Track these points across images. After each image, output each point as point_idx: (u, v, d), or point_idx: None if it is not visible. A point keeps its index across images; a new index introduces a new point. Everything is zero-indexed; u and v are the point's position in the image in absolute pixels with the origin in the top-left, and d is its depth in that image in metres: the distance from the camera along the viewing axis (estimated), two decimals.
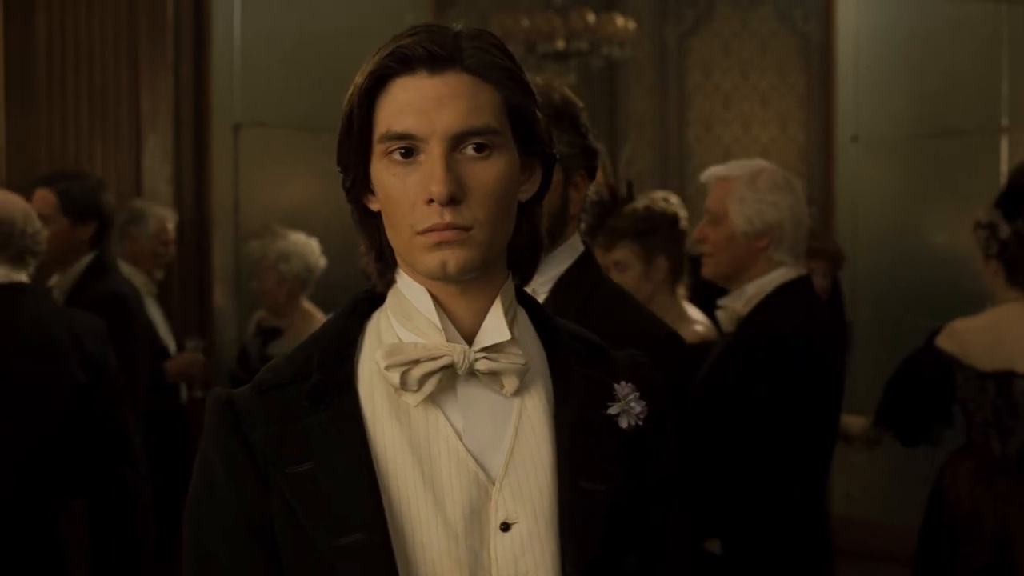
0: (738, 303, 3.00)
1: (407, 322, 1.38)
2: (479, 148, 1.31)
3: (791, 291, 2.98)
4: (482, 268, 1.34)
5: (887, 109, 6.91)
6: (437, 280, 1.35)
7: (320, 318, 4.82)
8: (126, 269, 4.71)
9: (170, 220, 5.04)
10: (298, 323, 4.99)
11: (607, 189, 4.52)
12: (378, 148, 1.34)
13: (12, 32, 5.16)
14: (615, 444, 1.39)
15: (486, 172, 1.32)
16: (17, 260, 3.22)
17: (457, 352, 1.34)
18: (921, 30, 6.78)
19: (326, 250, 5.15)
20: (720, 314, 3.08)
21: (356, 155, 1.37)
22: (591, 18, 7.70)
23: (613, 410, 1.40)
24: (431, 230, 1.30)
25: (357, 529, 1.29)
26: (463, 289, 1.36)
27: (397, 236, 1.34)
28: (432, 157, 1.30)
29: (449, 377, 1.35)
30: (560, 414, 1.39)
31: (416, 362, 1.33)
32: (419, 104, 1.31)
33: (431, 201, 1.29)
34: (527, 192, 1.40)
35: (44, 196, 4.18)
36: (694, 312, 3.77)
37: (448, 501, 1.32)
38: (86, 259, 4.24)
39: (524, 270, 1.44)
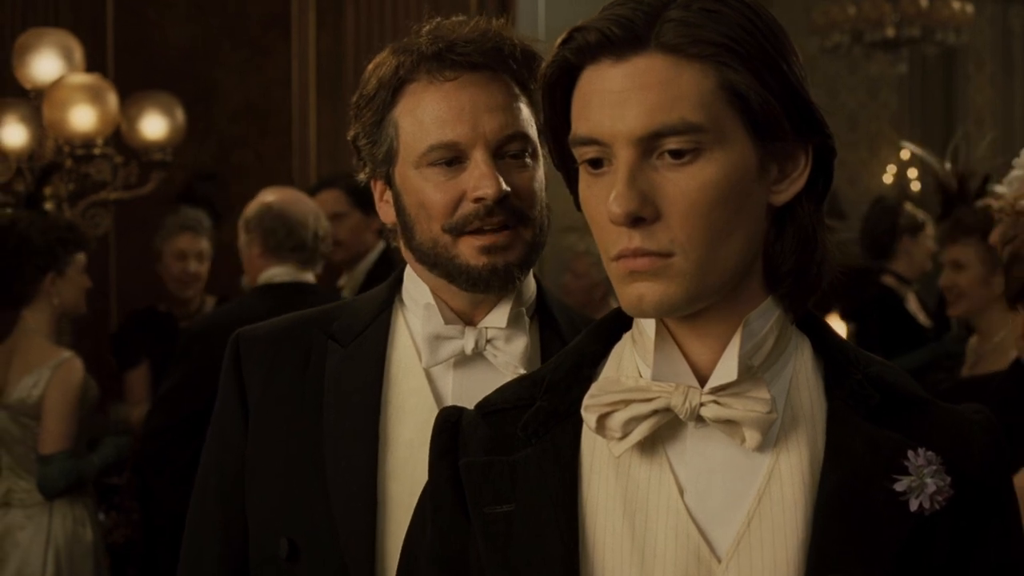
0: None
1: (644, 353, 1.14)
2: (676, 154, 1.06)
3: None
4: (700, 302, 1.09)
5: None
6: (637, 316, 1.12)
7: None
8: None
9: None
10: None
11: (955, 179, 4.14)
12: (576, 153, 1.12)
13: (324, 36, 5.42)
14: (895, 530, 1.08)
15: (688, 182, 1.06)
16: (308, 262, 3.41)
17: (677, 394, 1.09)
18: None
19: None
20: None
21: (563, 163, 1.16)
22: (924, 3, 7.26)
23: (900, 486, 1.09)
24: (621, 256, 1.07)
25: None
26: (694, 316, 1.11)
27: (604, 259, 1.12)
28: (616, 167, 1.07)
29: (676, 423, 1.12)
30: (825, 483, 1.10)
31: (624, 403, 1.10)
32: (600, 102, 1.07)
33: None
34: (784, 192, 1.11)
35: (334, 195, 4.31)
36: None
37: (658, 575, 1.10)
38: (375, 253, 4.34)
39: (792, 290, 1.14)
